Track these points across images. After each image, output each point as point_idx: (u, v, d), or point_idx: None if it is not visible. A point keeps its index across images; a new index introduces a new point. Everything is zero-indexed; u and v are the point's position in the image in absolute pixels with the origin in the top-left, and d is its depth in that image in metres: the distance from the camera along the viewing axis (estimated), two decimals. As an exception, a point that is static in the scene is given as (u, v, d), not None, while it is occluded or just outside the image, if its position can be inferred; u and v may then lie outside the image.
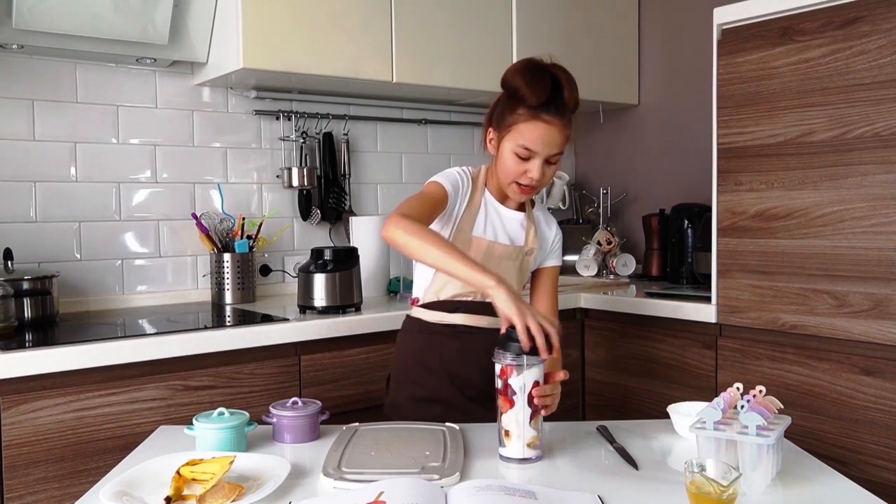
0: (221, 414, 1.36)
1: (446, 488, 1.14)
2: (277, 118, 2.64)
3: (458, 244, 1.62)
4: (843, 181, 1.90)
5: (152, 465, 1.21)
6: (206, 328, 1.91)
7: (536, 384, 1.29)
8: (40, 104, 2.24)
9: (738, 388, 1.30)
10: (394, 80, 2.48)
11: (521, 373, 1.28)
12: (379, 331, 2.10)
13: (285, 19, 2.24)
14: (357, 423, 1.46)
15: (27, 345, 1.74)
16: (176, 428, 1.51)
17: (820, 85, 1.94)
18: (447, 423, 1.45)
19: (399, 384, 1.71)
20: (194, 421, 1.34)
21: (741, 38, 2.09)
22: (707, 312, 2.20)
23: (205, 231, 2.42)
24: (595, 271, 2.91)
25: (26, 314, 1.99)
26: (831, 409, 1.95)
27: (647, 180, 3.14)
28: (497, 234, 1.67)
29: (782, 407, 1.28)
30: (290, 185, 2.61)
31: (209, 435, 1.32)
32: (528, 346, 1.26)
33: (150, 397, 1.79)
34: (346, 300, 2.16)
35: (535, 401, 1.28)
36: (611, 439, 1.40)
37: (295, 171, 2.59)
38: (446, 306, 1.66)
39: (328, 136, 2.72)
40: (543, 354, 1.27)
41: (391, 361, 1.82)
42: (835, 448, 1.93)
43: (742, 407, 1.19)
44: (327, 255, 2.18)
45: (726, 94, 2.13)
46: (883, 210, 1.84)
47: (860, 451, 1.90)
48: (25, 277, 2.00)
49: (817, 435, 1.97)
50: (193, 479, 1.14)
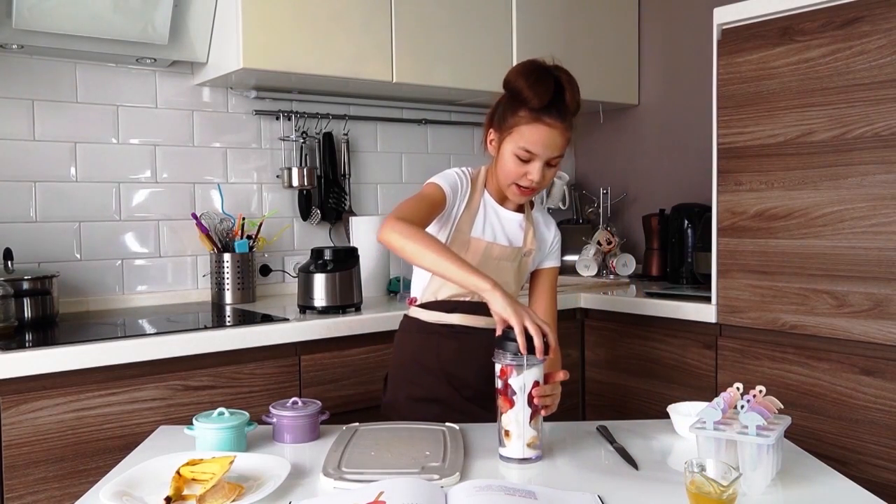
0: (221, 414, 1.36)
1: (446, 488, 1.14)
2: (277, 118, 2.64)
3: (456, 245, 1.62)
4: (843, 181, 1.90)
5: (152, 465, 1.21)
6: (206, 328, 1.91)
7: (536, 384, 1.29)
8: (40, 104, 2.24)
9: (738, 388, 1.30)
10: (394, 80, 2.48)
11: (520, 373, 1.28)
12: (379, 331, 2.10)
13: (285, 19, 2.24)
14: (357, 423, 1.46)
15: (27, 345, 1.74)
16: (176, 428, 1.51)
17: (820, 85, 1.94)
18: (447, 423, 1.45)
19: (396, 384, 1.71)
20: (194, 421, 1.34)
21: (741, 38, 2.09)
22: (707, 312, 2.20)
23: (205, 231, 2.42)
24: (595, 271, 2.91)
25: (26, 314, 1.99)
26: (831, 409, 1.95)
27: (647, 180, 3.14)
28: (496, 235, 1.67)
29: (782, 407, 1.28)
30: (290, 185, 2.61)
31: (209, 435, 1.32)
32: (526, 348, 1.26)
33: (150, 397, 1.79)
34: (346, 300, 2.16)
35: (535, 401, 1.29)
36: (611, 439, 1.40)
37: (295, 171, 2.59)
38: (444, 306, 1.66)
39: (328, 136, 2.72)
40: (541, 355, 1.27)
41: (389, 361, 1.82)
42: (835, 448, 1.93)
43: (742, 407, 1.19)
44: (327, 255, 2.18)
45: (726, 94, 2.13)
46: (883, 210, 1.84)
47: (860, 451, 1.90)
48: (25, 277, 2.00)
49: (817, 435, 1.97)
50: (193, 479, 1.14)
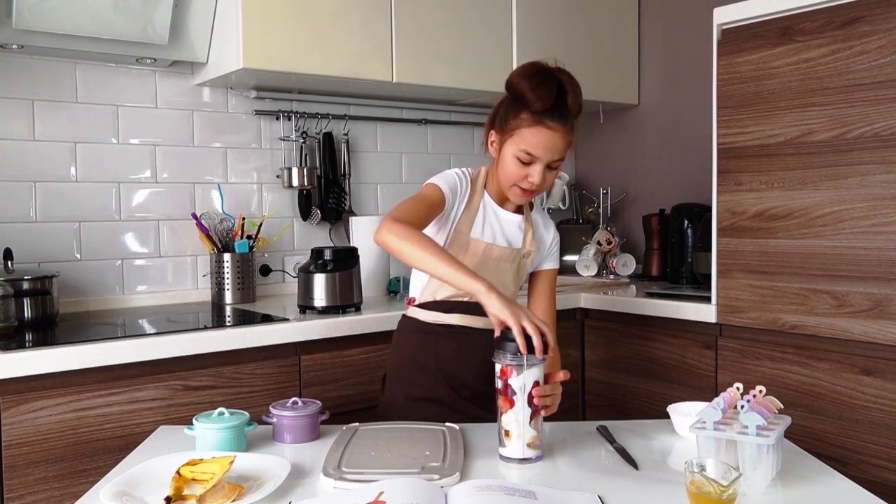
0: (221, 414, 1.36)
1: (446, 488, 1.14)
2: (277, 118, 2.64)
3: (455, 246, 1.62)
4: (843, 181, 1.90)
5: (152, 465, 1.21)
6: (206, 328, 1.91)
7: (536, 384, 1.29)
8: (40, 104, 2.24)
9: (738, 388, 1.30)
10: (394, 80, 2.48)
11: (520, 373, 1.28)
12: (379, 331, 2.10)
13: (285, 19, 2.24)
14: (357, 423, 1.46)
15: (27, 345, 1.74)
16: (176, 428, 1.51)
17: (820, 85, 1.94)
18: (447, 423, 1.45)
19: (395, 384, 1.71)
20: (194, 421, 1.34)
21: (741, 38, 2.09)
22: (707, 312, 2.20)
23: (205, 231, 2.42)
24: (595, 271, 2.91)
25: (26, 314, 1.99)
26: (831, 409, 1.95)
27: (647, 180, 3.14)
28: (495, 236, 1.67)
29: (782, 407, 1.28)
30: (290, 185, 2.61)
31: (209, 435, 1.32)
32: (525, 348, 1.26)
33: (150, 397, 1.79)
34: (346, 300, 2.16)
35: (535, 401, 1.29)
36: (611, 439, 1.40)
37: (295, 171, 2.59)
38: (442, 306, 1.66)
39: (328, 136, 2.72)
40: (540, 354, 1.27)
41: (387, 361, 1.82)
42: (835, 448, 1.93)
43: (742, 407, 1.19)
44: (327, 255, 2.18)
45: (726, 94, 2.13)
46: (883, 210, 1.84)
47: (860, 451, 1.90)
48: (25, 277, 2.00)
49: (817, 435, 1.97)
50: (193, 479, 1.14)
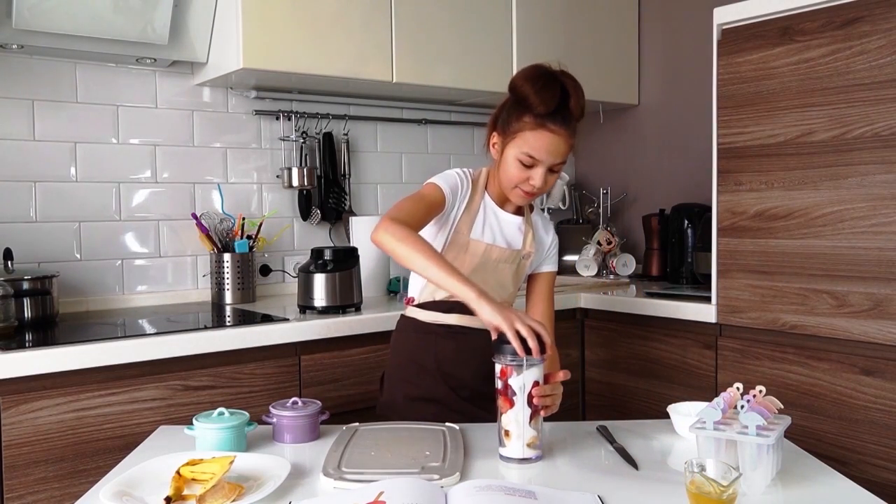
0: (221, 414, 1.36)
1: (446, 488, 1.14)
2: (277, 118, 2.64)
3: (455, 246, 1.63)
4: (843, 181, 1.90)
5: (152, 465, 1.21)
6: (206, 328, 1.91)
7: (536, 384, 1.29)
8: (40, 104, 2.24)
9: (738, 388, 1.30)
10: (394, 80, 2.48)
11: (520, 373, 1.28)
12: (379, 331, 2.10)
13: (285, 19, 2.24)
14: (357, 423, 1.46)
15: (27, 345, 1.74)
16: (176, 428, 1.51)
17: (820, 85, 1.94)
18: (447, 423, 1.45)
19: (393, 384, 1.71)
20: (194, 421, 1.34)
21: (741, 38, 2.09)
22: (707, 312, 2.20)
23: (205, 231, 2.42)
24: (595, 271, 2.91)
25: (26, 314, 1.99)
26: (831, 409, 1.95)
27: (647, 180, 3.14)
28: (495, 237, 1.67)
29: (782, 407, 1.28)
30: (290, 185, 2.61)
31: (209, 435, 1.32)
32: (523, 351, 1.26)
33: (150, 397, 1.79)
34: (346, 300, 2.16)
35: (535, 401, 1.29)
36: (611, 439, 1.40)
37: (295, 171, 2.59)
38: (441, 306, 1.66)
39: (328, 136, 2.72)
40: (538, 355, 1.27)
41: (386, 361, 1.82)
42: (835, 448, 1.93)
43: (742, 407, 1.19)
44: (327, 255, 2.18)
45: (726, 94, 2.13)
46: (883, 210, 1.84)
47: (860, 451, 1.90)
48: (25, 277, 2.00)
49: (817, 435, 1.97)
50: (193, 479, 1.14)
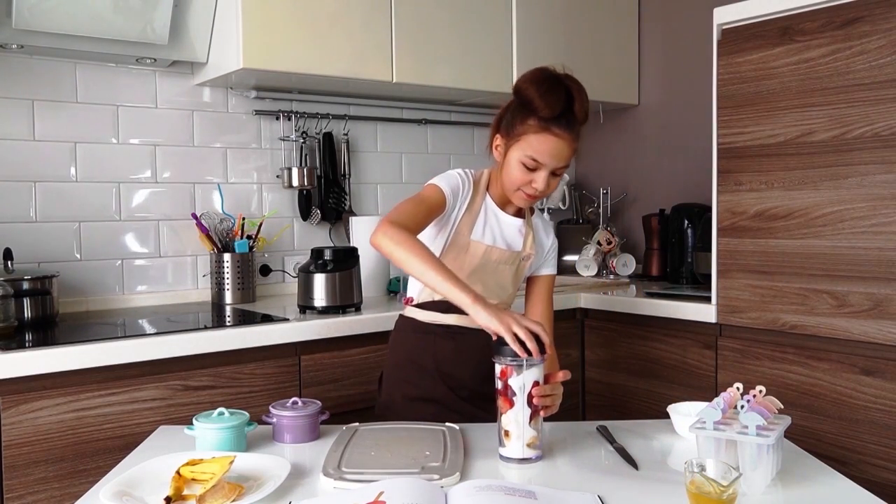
0: (221, 414, 1.36)
1: (446, 488, 1.14)
2: (277, 118, 2.64)
3: (455, 247, 1.63)
4: (843, 181, 1.90)
5: (152, 465, 1.21)
6: (206, 328, 1.91)
7: (536, 384, 1.29)
8: (40, 104, 2.24)
9: (738, 388, 1.30)
10: (394, 80, 2.48)
11: (520, 373, 1.28)
12: (379, 331, 2.10)
13: (285, 19, 2.24)
14: (357, 423, 1.46)
15: (27, 345, 1.74)
16: (176, 428, 1.51)
17: (820, 85, 1.94)
18: (447, 423, 1.45)
19: (392, 384, 1.71)
20: (194, 421, 1.34)
21: (741, 38, 2.09)
22: (707, 312, 2.20)
23: (205, 231, 2.42)
24: (595, 271, 2.91)
25: (26, 314, 1.99)
26: (831, 409, 1.95)
27: (647, 180, 3.14)
28: (495, 238, 1.67)
29: (782, 407, 1.28)
30: (290, 185, 2.61)
31: (209, 435, 1.32)
32: (522, 353, 1.26)
33: (150, 397, 1.79)
34: (345, 300, 2.16)
35: (535, 401, 1.29)
36: (611, 439, 1.40)
37: (295, 171, 2.59)
38: (440, 306, 1.66)
39: (328, 136, 2.72)
40: (537, 356, 1.27)
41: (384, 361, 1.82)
42: (835, 448, 1.93)
43: (742, 407, 1.19)
44: (327, 255, 2.18)
45: (726, 94, 2.13)
46: (883, 210, 1.84)
47: (860, 451, 1.90)
48: (25, 277, 2.00)
49: (817, 435, 1.97)
50: (193, 479, 1.14)
